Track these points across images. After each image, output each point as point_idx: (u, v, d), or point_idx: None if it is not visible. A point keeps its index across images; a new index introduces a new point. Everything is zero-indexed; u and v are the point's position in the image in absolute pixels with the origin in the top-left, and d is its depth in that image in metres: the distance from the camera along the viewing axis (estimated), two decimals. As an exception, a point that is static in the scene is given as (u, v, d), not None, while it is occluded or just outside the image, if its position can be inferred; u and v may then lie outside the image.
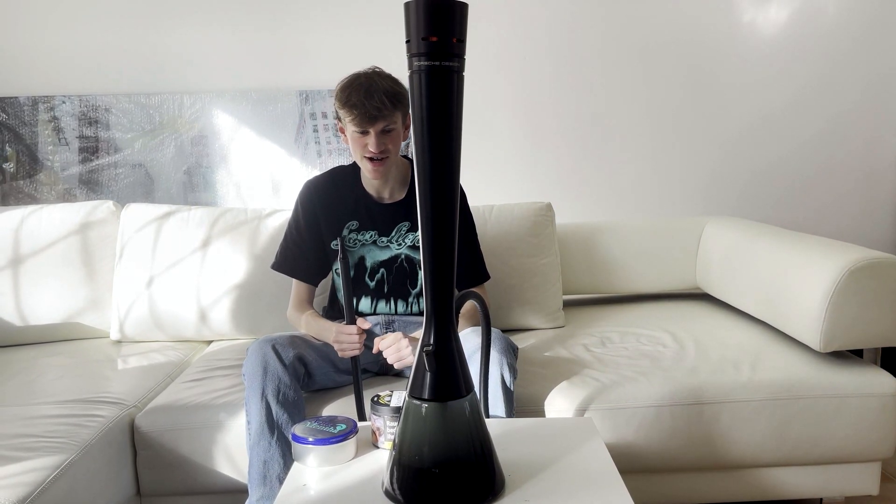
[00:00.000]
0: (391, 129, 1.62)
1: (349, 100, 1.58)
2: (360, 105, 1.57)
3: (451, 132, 0.94)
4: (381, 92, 1.57)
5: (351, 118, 1.59)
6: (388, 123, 1.60)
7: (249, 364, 1.53)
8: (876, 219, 2.82)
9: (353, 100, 1.57)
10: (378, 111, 1.57)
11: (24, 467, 1.30)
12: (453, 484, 0.99)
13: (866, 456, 1.68)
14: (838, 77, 2.71)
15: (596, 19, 2.66)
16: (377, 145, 1.61)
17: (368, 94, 1.56)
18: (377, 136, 1.60)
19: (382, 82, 1.60)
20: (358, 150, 1.65)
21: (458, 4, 0.91)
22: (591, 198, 2.78)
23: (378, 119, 1.58)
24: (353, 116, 1.59)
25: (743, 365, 1.71)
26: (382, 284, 1.78)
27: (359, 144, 1.64)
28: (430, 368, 1.00)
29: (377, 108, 1.57)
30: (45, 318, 2.14)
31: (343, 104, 1.59)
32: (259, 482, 1.46)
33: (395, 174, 1.75)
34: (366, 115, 1.57)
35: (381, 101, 1.56)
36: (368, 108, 1.56)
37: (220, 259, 2.11)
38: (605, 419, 1.59)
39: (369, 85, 1.58)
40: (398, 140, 1.66)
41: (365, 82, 1.59)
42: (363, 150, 1.63)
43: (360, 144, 1.63)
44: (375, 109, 1.57)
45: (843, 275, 1.59)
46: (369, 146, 1.61)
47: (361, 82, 1.59)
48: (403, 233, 1.77)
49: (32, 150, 2.61)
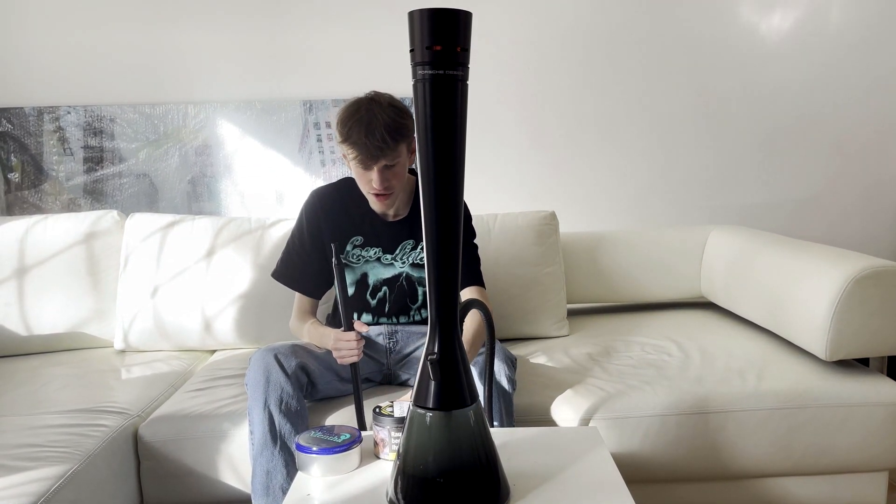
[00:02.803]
0: (394, 164, 1.59)
1: (349, 136, 1.54)
2: (360, 144, 1.53)
3: (456, 141, 0.94)
4: (382, 127, 1.52)
5: (353, 155, 1.57)
6: (390, 160, 1.57)
7: (252, 374, 1.52)
8: (881, 227, 2.81)
9: (354, 137, 1.54)
10: (380, 150, 1.54)
11: (28, 477, 1.29)
12: (458, 493, 0.99)
13: (873, 465, 1.67)
14: (843, 85, 2.71)
15: (601, 29, 2.66)
16: (381, 182, 1.59)
17: (369, 130, 1.52)
18: (380, 171, 1.58)
19: (383, 115, 1.54)
20: (363, 184, 1.64)
21: (462, 13, 0.91)
22: (595, 207, 2.78)
23: (380, 157, 1.55)
24: (354, 154, 1.56)
25: (748, 374, 1.70)
26: (384, 303, 1.77)
27: (363, 179, 1.62)
28: (435, 377, 0.99)
29: (378, 148, 1.53)
30: (49, 327, 2.14)
31: (344, 140, 1.56)
32: (262, 492, 1.46)
33: (400, 194, 1.72)
34: (367, 154, 1.54)
35: (383, 138, 1.52)
36: (370, 148, 1.53)
37: (224, 268, 2.11)
38: (611, 428, 1.59)
39: (370, 120, 1.53)
40: (402, 172, 1.63)
41: (365, 116, 1.54)
42: (367, 185, 1.62)
43: (365, 179, 1.62)
44: (377, 149, 1.53)
45: (849, 283, 1.58)
46: (373, 182, 1.59)
47: (361, 115, 1.54)
48: (407, 251, 1.75)
49: (37, 160, 2.62)
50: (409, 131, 1.59)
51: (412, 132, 1.59)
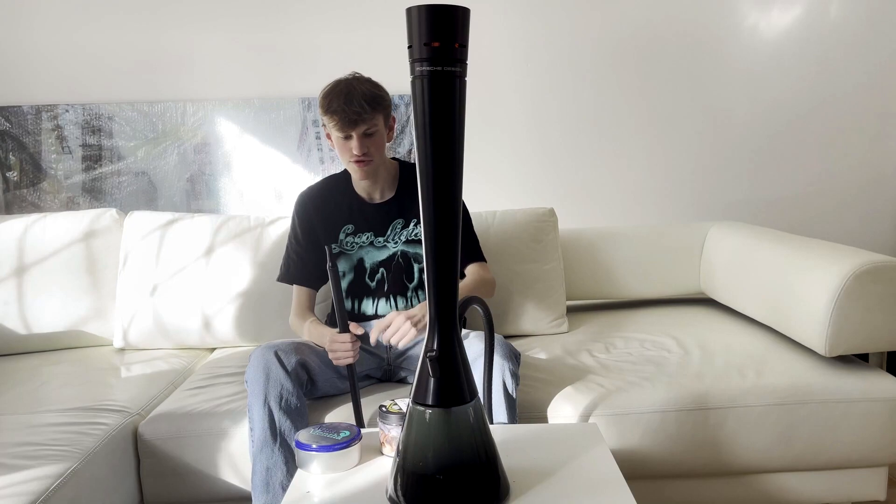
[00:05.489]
0: (373, 132, 1.67)
1: (330, 106, 1.63)
2: (340, 111, 1.62)
3: (454, 137, 0.94)
4: (361, 96, 1.62)
5: (333, 123, 1.64)
6: (368, 126, 1.65)
7: (252, 371, 1.52)
8: (880, 222, 2.81)
9: (334, 106, 1.62)
10: (358, 115, 1.62)
11: (28, 476, 1.30)
12: (458, 490, 0.99)
13: (873, 461, 1.67)
14: (841, 80, 2.71)
15: (598, 25, 2.66)
16: (360, 147, 1.66)
17: (348, 99, 1.61)
18: (360, 138, 1.65)
19: (361, 86, 1.64)
20: (344, 155, 1.70)
21: (460, 9, 0.91)
22: (594, 203, 2.78)
23: (359, 122, 1.63)
24: (335, 122, 1.64)
25: (748, 370, 1.70)
26: (382, 284, 1.79)
27: (344, 149, 1.69)
28: (434, 374, 0.99)
29: (357, 113, 1.62)
30: (48, 326, 2.14)
31: (325, 110, 1.65)
32: (262, 489, 1.46)
33: (384, 175, 1.79)
34: (346, 119, 1.62)
35: (361, 105, 1.61)
36: (349, 113, 1.61)
37: (223, 266, 2.11)
38: (610, 425, 1.59)
39: (349, 90, 1.63)
40: (381, 142, 1.71)
41: (345, 88, 1.64)
42: (349, 154, 1.68)
43: (346, 149, 1.68)
44: (355, 114, 1.62)
45: (849, 279, 1.58)
46: (353, 149, 1.66)
47: (341, 88, 1.64)
48: (398, 230, 1.80)
49: (36, 158, 2.62)
50: (386, 103, 1.69)
51: (390, 107, 1.70)
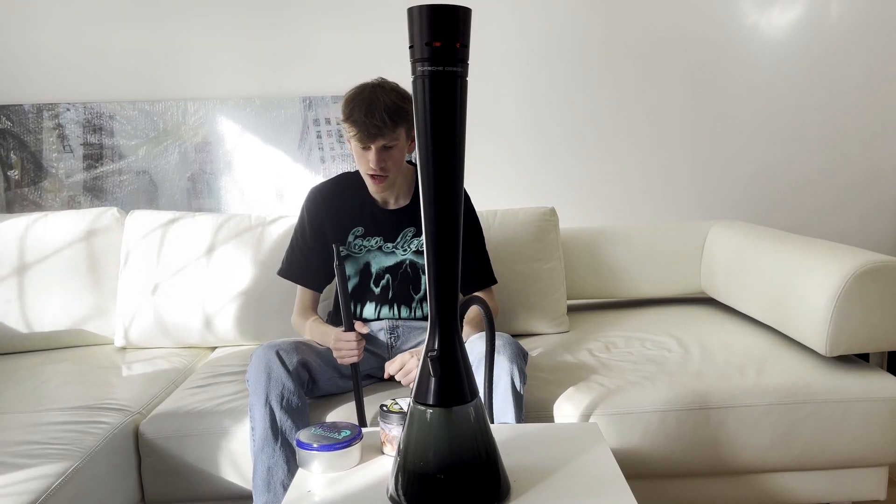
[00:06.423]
0: (392, 147, 1.63)
1: (351, 114, 1.59)
2: (360, 122, 1.58)
3: (455, 137, 0.94)
4: (383, 109, 1.57)
5: (353, 133, 1.61)
6: (388, 141, 1.61)
7: (253, 370, 1.52)
8: (880, 222, 2.81)
9: (355, 116, 1.58)
10: (378, 130, 1.58)
11: (29, 474, 1.30)
12: (458, 490, 0.99)
13: (873, 460, 1.67)
14: (841, 79, 2.71)
15: (600, 24, 2.66)
16: (377, 161, 1.62)
17: (370, 110, 1.57)
18: (378, 152, 1.61)
19: (385, 97, 1.59)
20: (362, 165, 1.67)
21: (461, 9, 0.91)
22: (594, 202, 2.78)
23: (378, 137, 1.59)
24: (354, 132, 1.60)
25: (748, 369, 1.70)
26: (387, 290, 1.78)
27: (362, 158, 1.65)
28: (435, 374, 0.99)
29: (377, 127, 1.57)
30: (49, 324, 2.14)
31: (346, 118, 1.61)
32: (263, 488, 1.46)
33: (400, 181, 1.75)
34: (366, 132, 1.58)
35: (382, 119, 1.57)
36: (369, 126, 1.57)
37: (224, 265, 2.11)
38: (611, 424, 1.59)
39: (372, 101, 1.58)
40: (400, 156, 1.67)
41: (368, 97, 1.59)
42: (365, 165, 1.65)
43: (363, 159, 1.65)
44: (375, 128, 1.57)
45: (849, 278, 1.58)
46: (370, 162, 1.63)
47: (365, 97, 1.59)
48: (409, 238, 1.77)
49: (37, 157, 2.62)
50: (409, 116, 1.62)
51: (413, 119, 1.61)
